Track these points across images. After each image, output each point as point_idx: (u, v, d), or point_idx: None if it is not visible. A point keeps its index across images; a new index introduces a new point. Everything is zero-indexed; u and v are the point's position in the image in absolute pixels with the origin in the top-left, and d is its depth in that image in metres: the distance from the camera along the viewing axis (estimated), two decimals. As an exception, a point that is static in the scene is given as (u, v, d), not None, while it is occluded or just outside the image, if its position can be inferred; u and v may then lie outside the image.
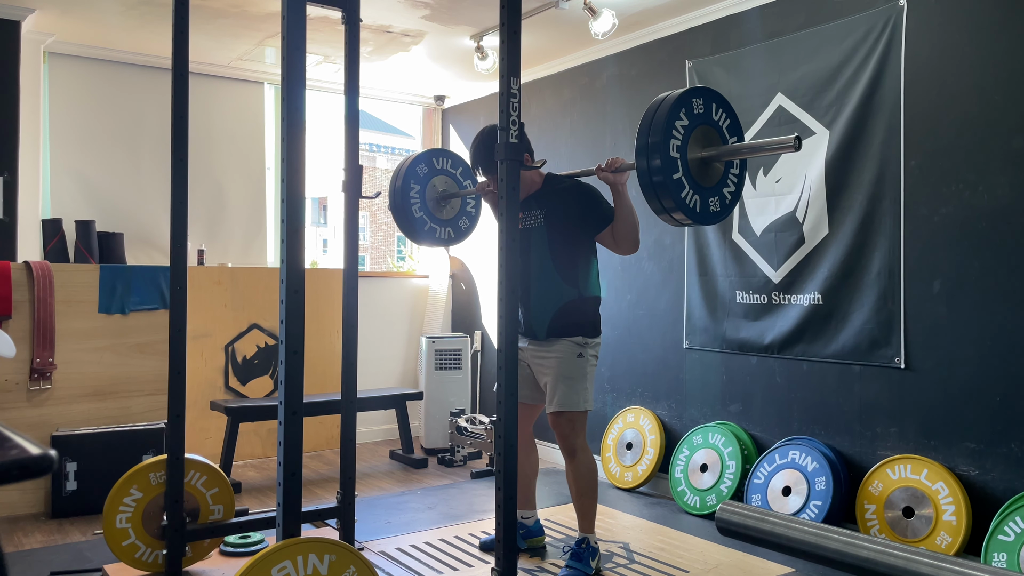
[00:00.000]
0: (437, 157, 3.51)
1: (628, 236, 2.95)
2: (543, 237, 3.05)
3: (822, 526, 1.00)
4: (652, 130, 2.30)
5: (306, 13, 2.19)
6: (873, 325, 3.36)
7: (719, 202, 2.42)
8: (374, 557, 3.19)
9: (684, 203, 2.31)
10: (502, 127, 2.28)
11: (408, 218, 3.39)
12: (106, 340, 4.04)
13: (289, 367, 2.09)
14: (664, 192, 2.29)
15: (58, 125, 4.69)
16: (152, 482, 2.89)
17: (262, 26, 4.39)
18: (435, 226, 3.47)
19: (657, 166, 2.28)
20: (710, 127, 2.40)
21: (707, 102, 2.40)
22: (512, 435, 2.30)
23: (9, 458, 0.60)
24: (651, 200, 2.33)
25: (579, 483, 3.05)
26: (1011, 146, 2.96)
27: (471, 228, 3.61)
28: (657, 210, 2.36)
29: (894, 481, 3.22)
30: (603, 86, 4.69)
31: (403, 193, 3.38)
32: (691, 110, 2.35)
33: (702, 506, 3.81)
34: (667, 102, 2.33)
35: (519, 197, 2.35)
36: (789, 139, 2.24)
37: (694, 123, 2.35)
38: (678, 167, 2.31)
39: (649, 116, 2.34)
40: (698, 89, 2.40)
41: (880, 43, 3.32)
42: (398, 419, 4.95)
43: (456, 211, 3.54)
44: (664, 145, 2.28)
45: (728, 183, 2.46)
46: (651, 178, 2.30)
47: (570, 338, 3.02)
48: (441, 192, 3.47)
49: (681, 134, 2.31)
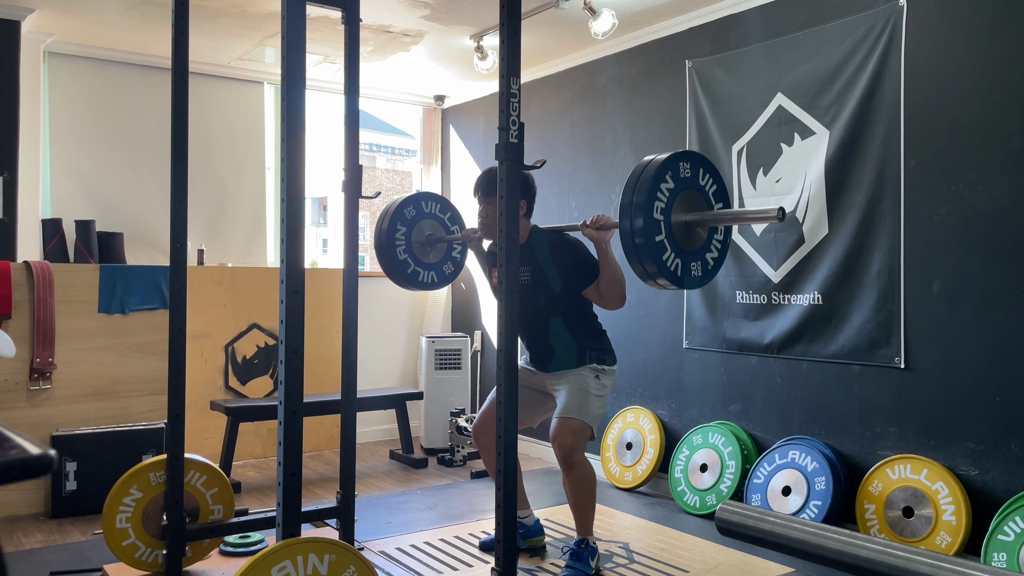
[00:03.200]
0: (426, 201, 3.48)
1: (614, 292, 2.93)
2: (534, 293, 3.06)
3: (822, 526, 1.00)
4: (637, 191, 2.26)
5: (306, 13, 2.19)
6: (873, 325, 3.36)
7: (701, 267, 2.38)
8: (374, 557, 3.19)
9: (666, 267, 2.27)
10: (502, 127, 2.28)
11: (392, 260, 3.34)
12: (106, 340, 4.03)
13: (289, 367, 2.09)
14: (646, 255, 2.25)
15: (58, 125, 4.69)
16: (152, 482, 2.89)
17: (262, 26, 4.39)
18: (419, 270, 3.44)
19: (640, 227, 2.24)
20: (695, 191, 2.36)
21: (694, 166, 2.36)
22: (512, 435, 2.30)
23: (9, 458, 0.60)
24: (633, 263, 2.29)
25: (578, 495, 3.00)
26: (1011, 146, 2.96)
27: (455, 273, 3.58)
28: (640, 274, 2.32)
29: (894, 481, 3.22)
30: (603, 86, 4.69)
31: (389, 235, 3.35)
32: (677, 173, 2.31)
33: (702, 506, 3.81)
34: (653, 165, 2.29)
35: (518, 198, 2.35)
36: (772, 210, 2.20)
37: (679, 187, 2.31)
38: (661, 230, 2.27)
39: (635, 178, 2.30)
40: (685, 153, 2.36)
41: (880, 43, 3.32)
42: (398, 419, 4.95)
43: (442, 256, 3.52)
44: (648, 207, 2.24)
45: (711, 248, 2.42)
46: (633, 239, 2.26)
47: (588, 365, 3.06)
48: (427, 236, 3.45)
49: (666, 197, 2.28)
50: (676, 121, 4.23)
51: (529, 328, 3.15)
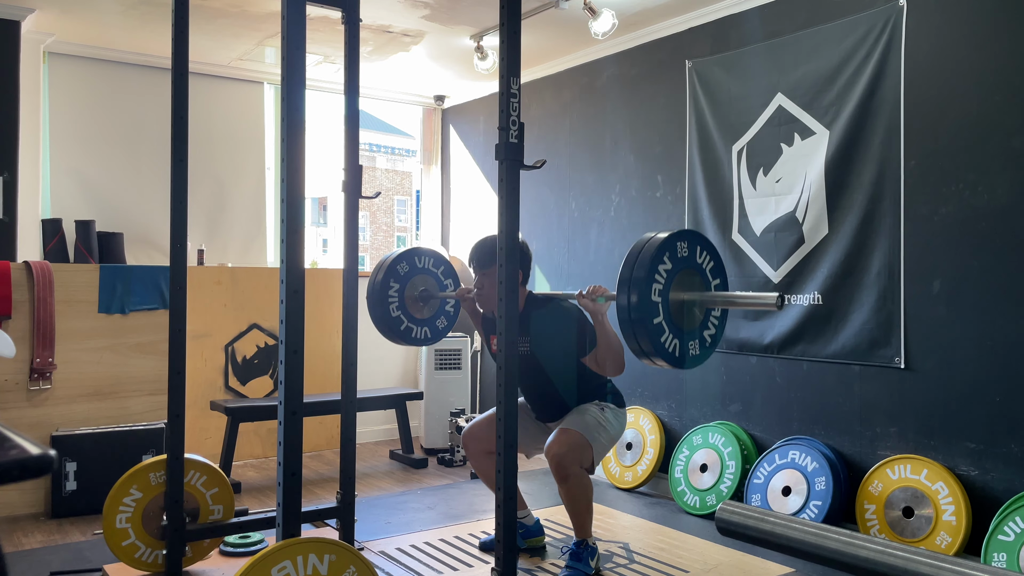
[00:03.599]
0: (419, 256, 3.46)
1: (612, 362, 2.86)
2: (534, 363, 3.05)
3: (822, 526, 1.00)
4: (635, 272, 2.23)
5: (306, 13, 2.19)
6: (873, 325, 3.36)
7: (699, 345, 2.35)
8: (374, 557, 3.19)
9: (664, 348, 2.24)
10: (502, 127, 2.28)
11: (385, 317, 3.32)
12: (106, 340, 4.03)
13: (289, 367, 2.09)
14: (643, 334, 2.22)
15: (58, 125, 4.69)
16: (152, 482, 2.88)
17: (262, 26, 4.39)
18: (412, 326, 3.42)
19: (638, 310, 2.21)
20: (693, 270, 2.34)
21: (691, 245, 2.33)
22: (512, 435, 2.30)
23: (9, 458, 0.60)
24: (630, 340, 2.26)
25: (575, 504, 2.95)
26: (1011, 146, 2.96)
27: (449, 327, 3.56)
28: (636, 352, 2.29)
29: (894, 481, 3.22)
30: (603, 86, 4.69)
31: (382, 290, 3.34)
32: (675, 253, 2.28)
33: (702, 506, 3.81)
34: (651, 245, 2.26)
35: (518, 198, 2.35)
36: (771, 297, 2.16)
37: (677, 267, 2.29)
38: (659, 311, 2.24)
39: (633, 257, 2.27)
40: (683, 232, 2.32)
41: (880, 43, 3.32)
42: (398, 419, 4.95)
43: (435, 311, 3.51)
44: (646, 290, 2.21)
45: (709, 325, 2.39)
46: (631, 321, 2.23)
47: (592, 402, 3.05)
48: (421, 292, 3.44)
49: (663, 279, 2.25)
50: (676, 121, 4.23)
51: (531, 390, 3.16)
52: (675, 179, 4.24)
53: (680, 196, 4.21)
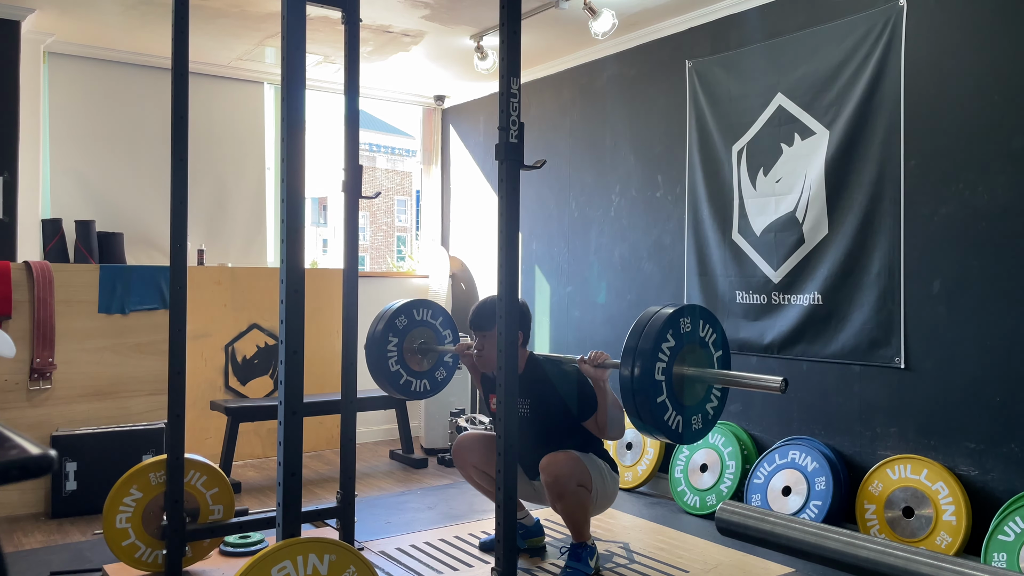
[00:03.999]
0: (418, 308, 3.45)
1: (613, 426, 2.83)
2: (534, 425, 3.01)
3: (822, 526, 1.00)
4: (639, 352, 2.22)
5: (306, 13, 2.19)
6: (873, 325, 3.36)
7: (701, 419, 2.35)
8: (374, 557, 3.19)
9: (667, 425, 2.24)
10: (502, 127, 2.28)
11: (384, 371, 3.31)
12: (106, 340, 4.03)
13: (289, 367, 2.09)
14: (646, 411, 2.21)
15: (58, 125, 4.69)
16: (152, 482, 2.88)
17: (262, 26, 4.39)
18: (411, 379, 3.41)
19: (642, 392, 2.20)
20: (696, 345, 2.33)
21: (694, 320, 2.33)
22: (512, 435, 2.30)
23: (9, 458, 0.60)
24: (632, 416, 2.26)
25: (575, 518, 2.92)
26: (1011, 146, 2.96)
27: (448, 380, 3.55)
28: (638, 427, 2.28)
29: (894, 481, 3.22)
30: (603, 86, 4.69)
31: (381, 343, 3.32)
32: (678, 330, 2.27)
33: (702, 506, 3.81)
34: (656, 320, 2.25)
35: (518, 198, 2.35)
36: (777, 381, 2.14)
37: (680, 343, 2.27)
38: (662, 389, 2.23)
39: (637, 333, 2.26)
40: (687, 308, 2.32)
41: (880, 43, 3.32)
42: (398, 419, 4.95)
43: (434, 363, 3.50)
44: (649, 370, 2.20)
45: (711, 399, 2.39)
46: (635, 402, 2.22)
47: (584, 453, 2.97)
48: (419, 345, 3.43)
49: (667, 356, 2.24)
50: (676, 121, 4.23)
51: (525, 452, 3.06)
52: (675, 179, 4.24)
53: (680, 196, 4.21)
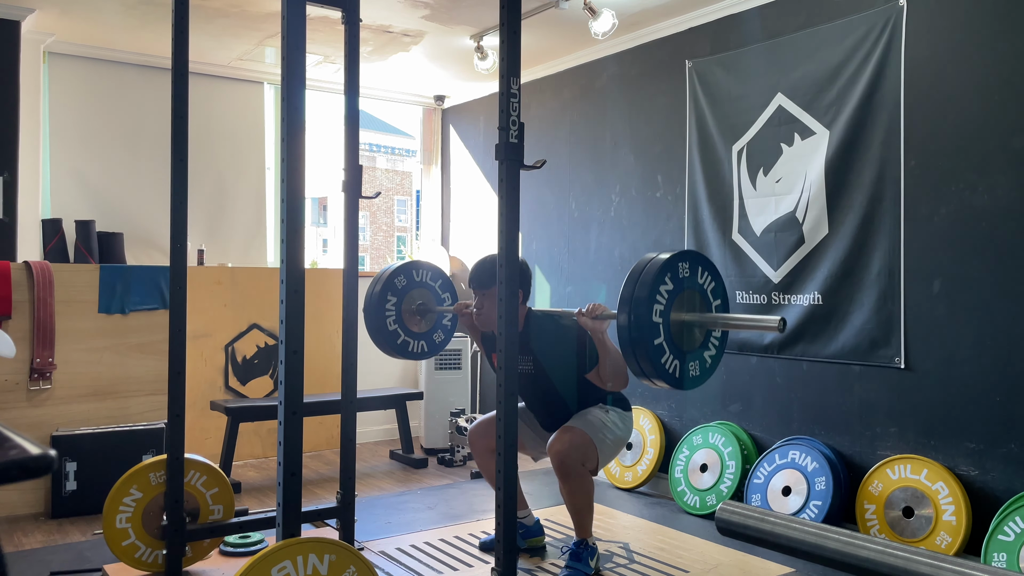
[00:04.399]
0: (416, 269, 3.46)
1: (615, 376, 2.85)
2: (536, 381, 3.05)
3: (822, 526, 1.00)
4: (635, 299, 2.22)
5: (306, 13, 2.19)
6: (873, 325, 3.36)
7: (699, 366, 2.35)
8: (374, 557, 3.19)
9: (664, 369, 2.23)
10: (502, 127, 2.27)
11: (382, 331, 3.31)
12: (106, 340, 4.03)
13: (289, 367, 2.09)
14: (644, 356, 2.21)
15: (58, 125, 4.69)
16: (152, 482, 2.88)
17: (262, 26, 4.39)
18: (408, 339, 3.41)
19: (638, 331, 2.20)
20: (694, 291, 2.33)
21: (692, 265, 2.33)
22: (512, 435, 2.30)
23: (9, 458, 0.60)
24: (631, 361, 2.25)
25: (576, 502, 2.95)
26: (1011, 146, 2.96)
27: (446, 341, 3.56)
28: (636, 372, 2.28)
29: (894, 481, 3.22)
30: (603, 86, 4.69)
31: (379, 303, 3.33)
32: (676, 274, 2.27)
33: (702, 506, 3.81)
34: (653, 264, 2.25)
35: (518, 198, 2.35)
36: (773, 320, 2.16)
37: (678, 288, 2.27)
38: (659, 332, 2.23)
39: (634, 278, 2.26)
40: (684, 253, 2.32)
41: (880, 43, 3.32)
42: (398, 419, 4.95)
43: (432, 325, 3.51)
44: (647, 311, 2.20)
45: (709, 346, 2.38)
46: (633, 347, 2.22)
47: (596, 406, 3.03)
48: (418, 306, 3.43)
49: (665, 299, 2.24)
50: (676, 121, 4.23)
51: (534, 403, 3.17)
52: (675, 179, 4.24)
53: (680, 196, 4.21)
